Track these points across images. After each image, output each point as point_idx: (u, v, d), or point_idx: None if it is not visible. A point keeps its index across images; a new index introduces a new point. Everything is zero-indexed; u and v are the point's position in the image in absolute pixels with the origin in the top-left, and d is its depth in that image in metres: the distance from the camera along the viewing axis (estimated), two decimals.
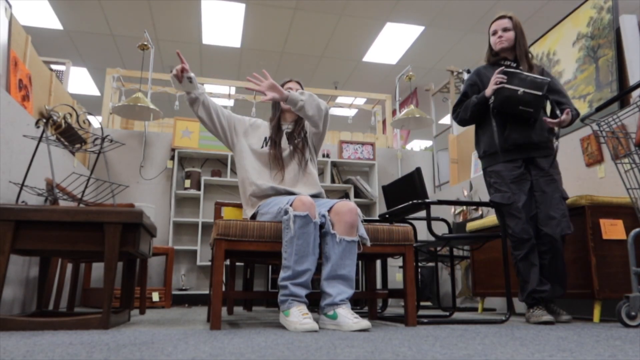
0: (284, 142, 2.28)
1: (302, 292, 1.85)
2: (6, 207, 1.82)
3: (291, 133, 2.32)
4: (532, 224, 2.33)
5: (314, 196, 2.22)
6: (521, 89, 2.26)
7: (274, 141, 2.27)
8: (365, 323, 1.75)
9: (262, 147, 2.26)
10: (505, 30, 2.45)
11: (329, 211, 1.98)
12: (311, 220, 1.87)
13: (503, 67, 2.34)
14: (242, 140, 2.31)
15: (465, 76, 4.77)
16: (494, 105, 2.33)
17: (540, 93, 2.25)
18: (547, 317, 2.16)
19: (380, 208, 4.86)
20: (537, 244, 2.33)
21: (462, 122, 2.56)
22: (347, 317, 1.79)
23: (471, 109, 2.47)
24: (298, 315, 1.77)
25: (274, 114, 2.39)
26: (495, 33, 2.48)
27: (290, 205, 1.92)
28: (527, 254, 2.32)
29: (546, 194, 2.33)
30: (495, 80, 2.33)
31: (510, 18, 2.47)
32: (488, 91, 2.39)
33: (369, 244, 1.99)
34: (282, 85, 2.38)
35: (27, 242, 1.83)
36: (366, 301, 3.62)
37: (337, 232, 1.91)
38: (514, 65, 2.45)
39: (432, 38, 6.30)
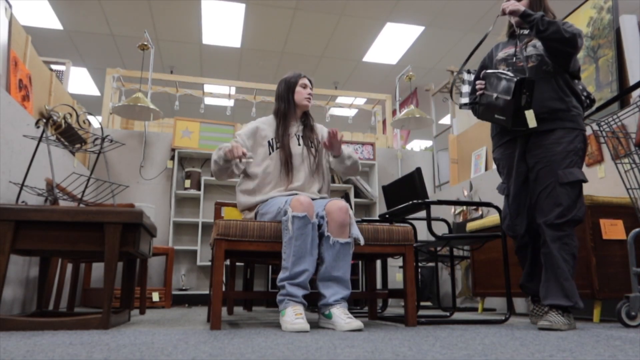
0: (294, 145, 2.26)
1: (299, 292, 1.87)
2: (6, 207, 1.82)
3: (304, 137, 2.30)
4: (526, 217, 2.12)
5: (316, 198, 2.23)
6: (495, 94, 1.99)
7: (283, 145, 2.23)
8: (356, 323, 1.77)
9: (270, 153, 2.23)
10: None
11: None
12: (309, 221, 1.88)
13: (484, 71, 2.10)
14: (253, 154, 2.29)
15: (465, 76, 4.76)
16: (477, 116, 2.15)
17: (508, 97, 1.92)
18: (542, 323, 1.88)
19: (380, 208, 4.86)
20: (536, 237, 2.12)
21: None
22: (341, 317, 1.82)
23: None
24: (292, 315, 1.80)
25: (284, 115, 2.30)
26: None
27: (289, 205, 1.93)
28: (519, 248, 2.19)
29: (537, 182, 2.03)
30: (476, 87, 2.12)
31: None
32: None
33: (362, 243, 1.99)
34: (298, 80, 2.33)
35: (27, 242, 1.83)
36: (366, 301, 3.62)
37: (330, 234, 1.92)
38: (527, 32, 2.16)
39: (432, 38, 6.30)
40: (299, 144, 2.27)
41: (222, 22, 5.92)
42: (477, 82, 2.13)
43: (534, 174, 2.05)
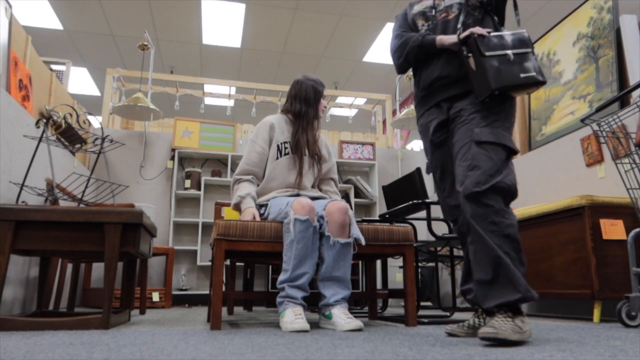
0: (305, 154, 2.28)
1: (299, 294, 1.87)
2: (6, 207, 1.82)
3: (309, 147, 2.30)
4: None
5: (316, 198, 2.23)
6: (509, 52, 1.57)
7: (298, 153, 2.24)
8: (356, 323, 1.77)
9: (277, 157, 2.24)
10: None
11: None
12: (311, 225, 1.88)
13: (476, 35, 1.59)
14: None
15: None
16: (496, 87, 1.52)
17: (529, 50, 1.58)
18: (483, 330, 1.33)
19: (380, 208, 4.86)
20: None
21: (400, 67, 1.87)
22: (341, 317, 1.83)
23: (408, 50, 1.78)
24: (291, 316, 1.81)
25: (309, 122, 2.29)
26: None
27: (291, 207, 1.93)
28: (460, 235, 1.73)
29: (454, 147, 1.63)
30: (477, 30, 1.60)
31: None
32: (449, 39, 1.67)
33: (363, 243, 1.99)
34: (323, 90, 2.32)
35: (27, 242, 1.83)
36: (366, 301, 3.62)
37: (331, 234, 1.92)
38: None
39: None
40: (306, 154, 2.29)
41: (222, 22, 5.91)
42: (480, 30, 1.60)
43: (452, 140, 1.67)
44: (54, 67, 4.21)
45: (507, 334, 1.31)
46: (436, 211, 4.72)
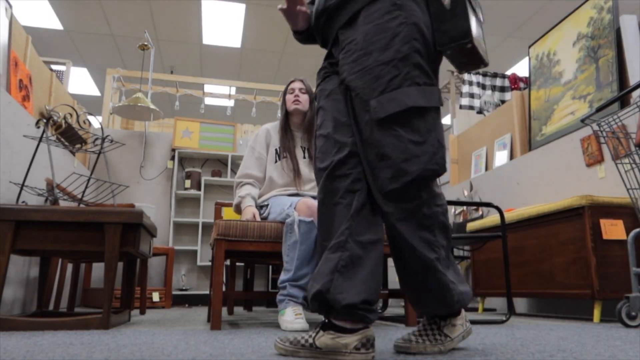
0: (300, 157, 2.30)
1: (300, 293, 1.88)
2: (6, 207, 1.82)
3: (308, 149, 2.33)
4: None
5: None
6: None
7: (290, 157, 2.27)
8: None
9: (276, 161, 2.29)
10: None
11: None
12: (315, 226, 1.89)
13: None
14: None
15: (466, 76, 4.75)
16: (475, 36, 1.13)
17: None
18: (398, 342, 1.20)
19: None
20: None
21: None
22: None
23: None
24: (291, 315, 1.82)
25: (283, 125, 2.33)
26: None
27: (295, 208, 1.94)
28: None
29: (357, 122, 1.17)
30: None
31: None
32: None
33: None
34: (288, 86, 2.38)
35: (27, 242, 1.83)
36: None
37: None
38: None
39: None
40: (304, 157, 2.30)
41: (222, 22, 5.92)
42: None
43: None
44: (54, 67, 4.21)
45: (422, 347, 1.16)
46: None
